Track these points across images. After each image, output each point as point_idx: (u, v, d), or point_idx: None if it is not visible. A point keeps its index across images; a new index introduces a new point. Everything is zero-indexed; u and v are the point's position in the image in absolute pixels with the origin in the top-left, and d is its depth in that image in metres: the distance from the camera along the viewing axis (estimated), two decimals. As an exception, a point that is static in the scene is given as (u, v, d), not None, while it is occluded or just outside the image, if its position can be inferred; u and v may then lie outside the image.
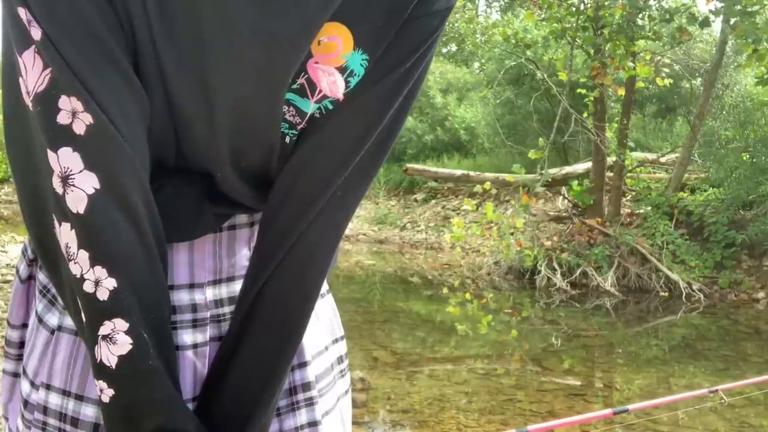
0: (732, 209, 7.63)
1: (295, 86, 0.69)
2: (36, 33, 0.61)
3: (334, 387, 0.86)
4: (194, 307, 0.74)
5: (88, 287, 0.63)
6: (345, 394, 0.89)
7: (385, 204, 13.01)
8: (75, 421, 0.71)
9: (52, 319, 0.74)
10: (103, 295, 0.63)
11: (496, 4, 22.86)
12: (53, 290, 0.74)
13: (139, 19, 0.63)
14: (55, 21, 0.61)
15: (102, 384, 0.65)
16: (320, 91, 0.70)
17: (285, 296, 0.72)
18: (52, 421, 0.72)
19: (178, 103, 0.67)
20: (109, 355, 0.64)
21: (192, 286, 0.74)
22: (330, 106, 0.70)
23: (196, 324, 0.74)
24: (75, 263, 0.63)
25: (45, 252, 0.69)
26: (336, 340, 0.89)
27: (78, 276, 0.63)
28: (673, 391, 4.35)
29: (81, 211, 0.62)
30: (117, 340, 0.64)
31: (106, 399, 0.65)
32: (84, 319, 0.65)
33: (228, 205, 0.74)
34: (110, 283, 0.63)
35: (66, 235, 0.63)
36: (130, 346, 0.64)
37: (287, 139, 0.72)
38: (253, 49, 0.64)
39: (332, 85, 0.69)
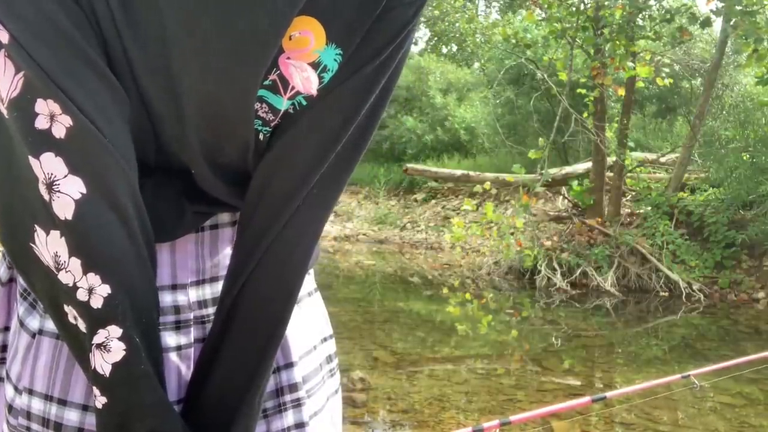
0: (732, 209, 7.63)
1: (267, 82, 0.67)
2: (3, 36, 0.59)
3: (324, 387, 0.85)
4: (177, 309, 0.73)
5: (81, 295, 0.62)
6: (335, 394, 0.88)
7: (385, 204, 13.01)
8: (58, 426, 0.70)
9: (33, 322, 0.72)
10: (96, 302, 0.62)
11: (495, 4, 22.86)
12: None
13: (103, 14, 0.62)
14: (21, 22, 0.59)
15: (96, 390, 0.64)
16: (293, 88, 0.68)
17: (265, 295, 0.71)
18: (35, 426, 0.71)
19: (148, 99, 0.65)
20: (103, 363, 0.63)
21: (174, 287, 0.73)
22: (304, 102, 0.69)
23: (179, 326, 0.73)
24: (67, 272, 0.62)
25: (20, 264, 0.67)
26: (325, 339, 0.87)
27: (71, 284, 0.62)
28: (673, 390, 4.35)
29: (69, 217, 0.60)
30: (111, 348, 0.63)
31: (99, 405, 0.65)
32: (80, 327, 0.64)
33: (207, 203, 0.73)
34: (104, 289, 0.62)
35: (55, 243, 0.61)
36: (124, 353, 0.63)
37: (261, 136, 0.70)
38: (218, 45, 0.63)
39: (305, 81, 0.67)
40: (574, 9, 7.56)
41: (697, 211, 7.85)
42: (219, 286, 0.76)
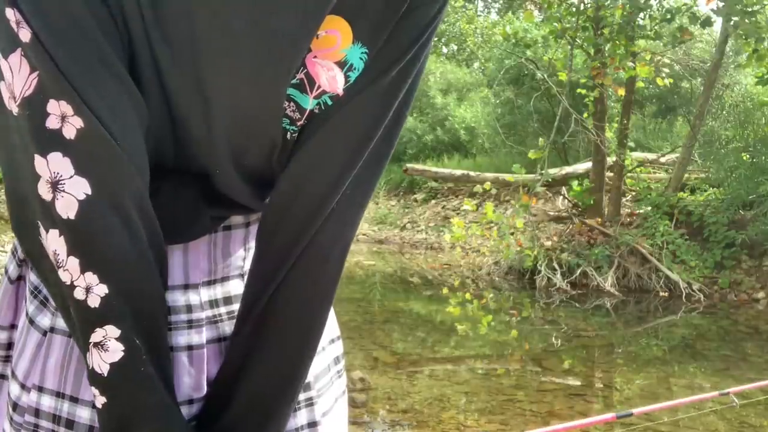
0: (732, 209, 7.63)
1: (294, 81, 0.67)
2: (25, 35, 0.59)
3: (332, 387, 0.85)
4: (189, 308, 0.73)
5: (79, 294, 0.62)
6: (342, 395, 0.88)
7: (385, 204, 13.01)
8: (70, 423, 0.70)
9: (44, 320, 0.73)
10: (94, 302, 0.62)
11: (495, 4, 22.87)
12: (45, 291, 0.73)
13: (132, 14, 0.62)
14: (46, 22, 0.59)
15: (95, 390, 0.65)
16: (319, 87, 0.68)
17: (302, 298, 0.71)
18: (44, 423, 0.71)
19: (174, 101, 0.65)
20: (101, 362, 0.63)
21: (186, 287, 0.73)
22: (329, 102, 0.69)
23: (191, 325, 0.73)
24: (65, 270, 0.62)
25: (32, 257, 0.68)
26: (333, 341, 0.87)
27: (68, 283, 0.62)
28: (673, 391, 4.35)
29: (72, 216, 0.61)
30: (108, 348, 0.63)
31: (98, 405, 0.65)
32: (77, 325, 0.64)
33: (225, 206, 0.73)
34: (101, 289, 0.62)
35: (54, 242, 0.62)
36: (122, 353, 0.63)
37: (288, 135, 0.70)
38: (250, 47, 0.63)
39: (332, 80, 0.67)
40: (574, 9, 7.56)
41: (697, 211, 7.85)
42: (229, 286, 0.76)
